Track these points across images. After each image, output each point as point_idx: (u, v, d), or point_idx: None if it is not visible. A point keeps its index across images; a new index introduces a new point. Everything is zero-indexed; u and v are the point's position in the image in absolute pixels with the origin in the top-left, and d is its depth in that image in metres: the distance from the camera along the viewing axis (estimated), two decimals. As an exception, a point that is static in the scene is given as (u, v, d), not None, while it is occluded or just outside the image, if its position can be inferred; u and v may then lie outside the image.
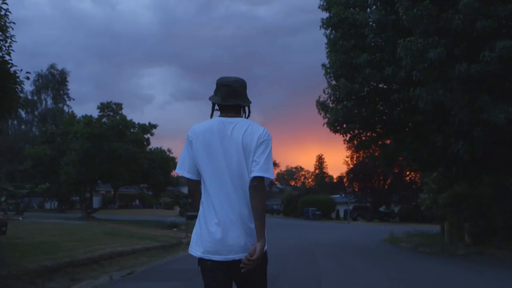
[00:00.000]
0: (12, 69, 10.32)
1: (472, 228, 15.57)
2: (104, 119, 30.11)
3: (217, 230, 2.72)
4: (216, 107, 3.02)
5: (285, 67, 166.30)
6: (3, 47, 10.07)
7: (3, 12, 9.94)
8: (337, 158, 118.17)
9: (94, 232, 18.27)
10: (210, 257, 2.74)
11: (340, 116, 14.40)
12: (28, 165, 30.72)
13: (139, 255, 14.53)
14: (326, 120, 15.66)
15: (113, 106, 31.25)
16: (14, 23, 10.27)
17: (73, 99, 46.66)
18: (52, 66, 42.46)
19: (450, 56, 11.08)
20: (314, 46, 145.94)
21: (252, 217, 2.70)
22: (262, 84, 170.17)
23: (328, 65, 15.06)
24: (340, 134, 15.82)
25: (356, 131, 15.91)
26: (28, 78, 10.98)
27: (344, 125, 15.34)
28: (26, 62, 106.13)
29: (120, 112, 31.34)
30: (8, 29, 10.06)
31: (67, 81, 46.74)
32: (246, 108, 3.06)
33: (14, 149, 34.60)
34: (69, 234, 16.55)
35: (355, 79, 13.86)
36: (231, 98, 2.93)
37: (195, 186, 2.95)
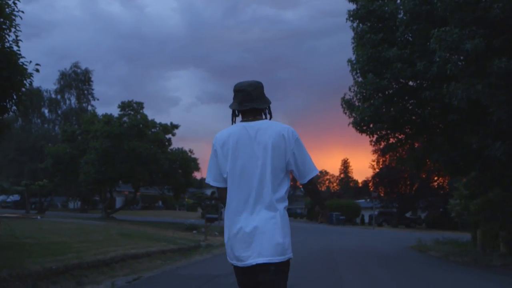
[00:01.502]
0: (20, 61, 9.86)
1: (508, 236, 14.49)
2: (124, 118, 29.65)
3: (241, 235, 2.84)
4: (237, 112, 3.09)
5: (311, 71, 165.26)
6: (6, 36, 9.57)
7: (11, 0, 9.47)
8: (363, 163, 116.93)
9: (109, 233, 17.81)
10: (236, 263, 2.88)
11: (366, 115, 13.48)
12: (48, 163, 30.44)
13: (154, 258, 13.95)
14: (351, 119, 14.77)
15: (134, 105, 30.80)
16: (22, 11, 9.79)
17: (98, 99, 46.60)
18: (75, 65, 42.40)
19: (488, 47, 10.11)
20: (341, 50, 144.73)
21: (276, 223, 2.83)
22: (288, 87, 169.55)
23: (354, 61, 14.18)
24: (367, 135, 14.91)
25: (383, 132, 14.97)
26: (37, 71, 10.42)
27: (371, 125, 14.43)
28: (56, 64, 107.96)
29: (141, 111, 30.87)
30: (16, 19, 9.60)
31: (92, 81, 46.72)
32: (267, 110, 3.10)
33: (36, 147, 34.44)
34: (83, 235, 16.11)
35: (383, 75, 12.95)
36: (247, 102, 2.97)
37: (223, 193, 2.99)
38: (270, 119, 3.08)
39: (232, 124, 3.06)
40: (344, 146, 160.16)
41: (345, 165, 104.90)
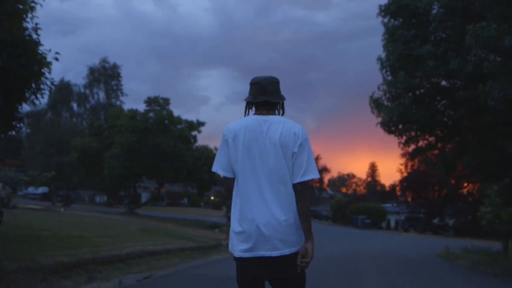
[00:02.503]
0: (39, 49, 9.63)
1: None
2: (150, 114, 29.49)
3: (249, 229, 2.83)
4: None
5: (341, 73, 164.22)
6: (25, 23, 9.34)
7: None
8: (390, 167, 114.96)
9: (129, 229, 17.64)
10: (241, 255, 2.85)
11: (395, 115, 12.86)
12: (74, 157, 30.49)
13: (171, 256, 13.67)
14: (379, 119, 14.16)
15: (160, 100, 30.61)
16: (42, -1, 9.55)
17: (127, 95, 46.57)
18: (104, 60, 42.50)
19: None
20: (371, 53, 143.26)
21: (286, 217, 2.80)
22: (317, 89, 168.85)
23: (384, 58, 13.58)
24: (395, 136, 14.29)
25: (412, 133, 14.32)
26: (57, 59, 10.19)
27: (400, 126, 13.81)
28: (89, 61, 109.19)
29: (167, 107, 30.67)
30: (36, 6, 9.37)
31: (121, 77, 46.77)
32: (280, 106, 3.10)
33: (64, 141, 34.57)
34: (102, 229, 15.95)
35: (415, 73, 12.32)
36: (261, 95, 2.98)
37: (231, 184, 2.99)
38: (282, 115, 3.10)
39: (245, 116, 3.07)
40: (373, 149, 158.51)
41: (373, 168, 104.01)
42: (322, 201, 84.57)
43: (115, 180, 28.78)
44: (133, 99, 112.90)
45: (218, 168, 3.02)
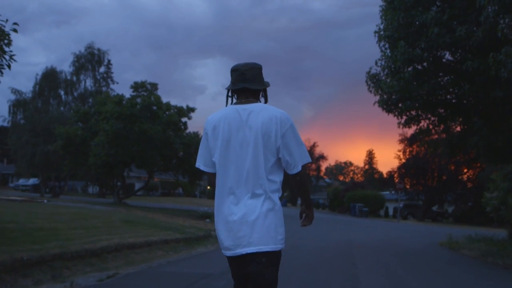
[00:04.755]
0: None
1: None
2: (138, 99, 28.13)
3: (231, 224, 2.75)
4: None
5: (338, 61, 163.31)
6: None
7: None
8: (388, 154, 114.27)
9: (111, 220, 16.61)
10: (225, 252, 2.82)
11: (395, 90, 11.59)
12: (58, 145, 29.22)
13: (154, 249, 12.60)
14: (377, 97, 12.91)
15: (148, 85, 29.22)
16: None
17: (117, 83, 45.36)
18: (89, 46, 41.09)
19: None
20: (368, 40, 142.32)
21: (268, 212, 2.74)
22: (314, 78, 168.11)
23: (382, 29, 12.29)
24: (394, 116, 13.07)
25: (413, 113, 13.08)
26: (15, 31, 8.98)
27: (400, 105, 12.56)
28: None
29: (155, 92, 29.31)
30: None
31: (111, 64, 45.46)
32: (262, 93, 3.00)
33: (50, 129, 33.36)
34: (80, 221, 14.89)
35: (416, 43, 11.04)
36: (239, 82, 2.88)
37: (213, 179, 2.89)
38: (265, 103, 2.98)
39: (227, 105, 2.97)
40: (370, 137, 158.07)
41: (370, 156, 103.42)
42: (320, 189, 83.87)
43: (101, 169, 27.52)
44: (127, 89, 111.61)
45: (201, 164, 2.94)
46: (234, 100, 2.96)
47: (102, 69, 43.47)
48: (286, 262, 10.75)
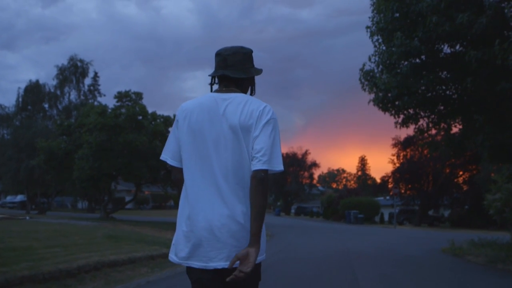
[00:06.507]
0: None
1: None
2: (123, 110, 27.17)
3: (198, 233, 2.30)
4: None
5: (328, 69, 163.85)
6: None
7: None
8: (380, 160, 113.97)
9: (93, 236, 15.70)
10: (189, 263, 2.34)
11: (392, 87, 10.70)
12: (41, 159, 28.15)
13: (138, 266, 11.61)
14: (372, 95, 12.03)
15: (132, 95, 28.24)
16: None
17: (104, 95, 44.45)
18: (72, 58, 40.12)
19: None
20: (357, 48, 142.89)
21: (247, 220, 2.27)
22: (304, 86, 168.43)
23: (375, 22, 11.43)
24: (391, 114, 12.19)
25: (411, 111, 12.22)
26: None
27: (397, 102, 11.69)
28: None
29: (140, 101, 28.35)
30: None
31: (98, 76, 44.59)
32: (247, 82, 2.59)
33: (34, 144, 32.32)
34: (59, 238, 14.00)
35: (413, 34, 10.19)
36: (220, 68, 2.52)
37: (180, 175, 2.49)
38: (252, 94, 2.60)
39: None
40: (362, 144, 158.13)
41: (363, 162, 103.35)
42: (313, 198, 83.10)
43: (86, 183, 26.44)
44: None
45: (167, 156, 2.53)
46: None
47: (88, 81, 42.68)
48: (282, 274, 9.89)
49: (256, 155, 2.26)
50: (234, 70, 2.49)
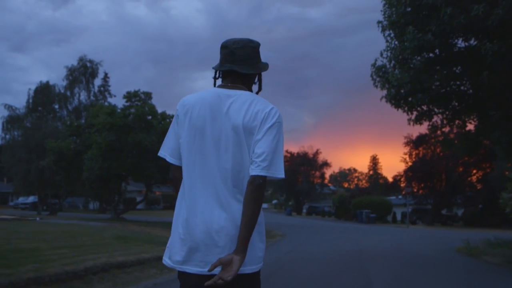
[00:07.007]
0: None
1: None
2: (132, 110, 27.07)
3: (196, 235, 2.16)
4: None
5: (338, 68, 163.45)
6: None
7: None
8: (392, 159, 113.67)
9: (102, 237, 15.52)
10: (183, 268, 2.18)
11: (405, 82, 10.38)
12: (50, 160, 28.14)
13: (147, 267, 11.37)
14: (385, 92, 11.71)
15: (141, 95, 28.11)
16: None
17: (115, 96, 44.46)
18: (81, 59, 40.16)
19: None
20: (367, 46, 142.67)
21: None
22: (314, 86, 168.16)
23: (386, 16, 11.13)
24: (404, 111, 11.86)
25: (424, 108, 11.89)
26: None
27: (410, 99, 11.37)
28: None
29: (149, 101, 28.23)
30: None
31: (108, 77, 44.66)
32: (255, 79, 2.44)
33: (43, 145, 32.36)
34: (68, 239, 13.83)
35: (426, 28, 9.87)
36: (227, 62, 2.34)
37: (178, 173, 2.33)
38: (258, 92, 2.42)
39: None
40: (373, 142, 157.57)
41: (374, 161, 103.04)
42: (324, 197, 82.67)
43: (95, 184, 26.37)
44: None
45: (166, 152, 2.36)
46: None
47: (98, 82, 42.71)
48: (293, 275, 9.66)
49: (256, 160, 2.13)
50: (243, 65, 2.34)
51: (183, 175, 2.27)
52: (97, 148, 25.27)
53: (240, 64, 2.32)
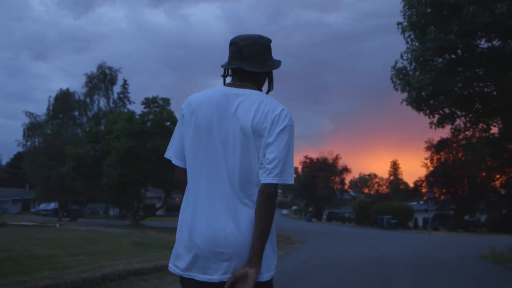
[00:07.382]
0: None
1: None
2: (150, 116, 27.15)
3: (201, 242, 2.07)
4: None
5: (356, 73, 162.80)
6: None
7: None
8: (412, 164, 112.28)
9: (120, 243, 15.42)
10: (191, 275, 2.10)
11: (426, 84, 10.10)
12: (70, 167, 28.34)
13: (165, 274, 11.22)
14: (405, 95, 11.42)
15: (160, 101, 28.21)
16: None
17: (134, 103, 44.73)
18: (100, 66, 40.52)
19: None
20: (386, 51, 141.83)
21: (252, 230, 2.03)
22: (333, 91, 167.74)
23: (406, 17, 10.86)
24: (425, 114, 11.56)
25: (446, 110, 11.56)
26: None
27: (432, 101, 11.06)
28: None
29: (167, 107, 28.28)
30: None
31: (127, 84, 45.02)
32: (265, 78, 2.33)
33: (64, 152, 32.68)
34: (85, 246, 13.76)
35: (448, 28, 9.58)
36: (235, 60, 2.25)
37: (183, 176, 2.23)
38: (268, 91, 2.33)
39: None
40: (393, 147, 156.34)
41: (395, 167, 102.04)
42: (344, 203, 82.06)
43: (114, 190, 26.47)
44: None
45: (171, 154, 2.25)
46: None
47: (117, 89, 43.04)
48: (313, 284, 9.42)
49: (267, 166, 2.03)
50: (251, 62, 2.24)
51: (187, 178, 2.18)
52: (115, 154, 25.37)
53: (248, 62, 2.24)
